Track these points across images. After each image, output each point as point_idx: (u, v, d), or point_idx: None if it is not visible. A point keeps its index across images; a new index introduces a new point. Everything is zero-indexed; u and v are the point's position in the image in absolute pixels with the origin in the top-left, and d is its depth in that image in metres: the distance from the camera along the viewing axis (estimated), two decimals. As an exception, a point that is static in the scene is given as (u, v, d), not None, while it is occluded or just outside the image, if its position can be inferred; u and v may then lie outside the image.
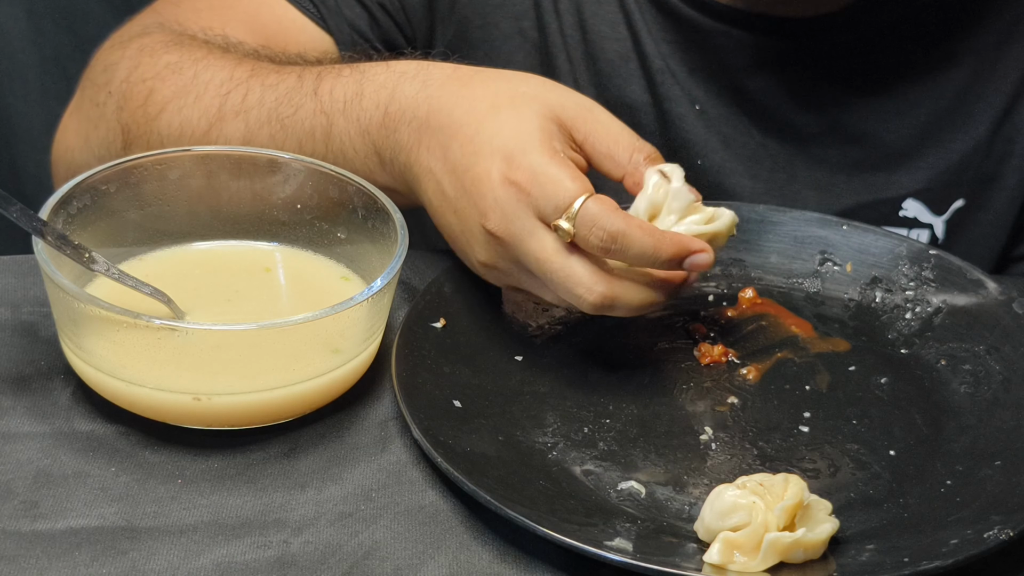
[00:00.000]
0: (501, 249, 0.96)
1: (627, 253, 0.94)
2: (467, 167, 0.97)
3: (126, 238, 1.00)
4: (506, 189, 0.95)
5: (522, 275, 0.98)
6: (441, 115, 0.99)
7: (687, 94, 1.23)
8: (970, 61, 1.24)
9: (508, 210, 0.95)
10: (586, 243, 0.93)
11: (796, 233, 1.12)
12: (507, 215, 0.95)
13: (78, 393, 0.95)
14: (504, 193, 0.95)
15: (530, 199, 0.94)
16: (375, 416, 0.96)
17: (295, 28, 1.20)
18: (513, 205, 0.95)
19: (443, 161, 0.98)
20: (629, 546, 0.84)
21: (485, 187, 0.96)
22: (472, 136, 0.97)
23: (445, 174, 0.98)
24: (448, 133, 0.98)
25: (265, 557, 0.85)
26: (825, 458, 0.95)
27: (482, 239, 0.97)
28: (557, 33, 1.24)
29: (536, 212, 0.94)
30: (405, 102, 1.02)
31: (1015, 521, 0.86)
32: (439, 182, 0.99)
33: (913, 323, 1.07)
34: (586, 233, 0.93)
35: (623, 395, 0.99)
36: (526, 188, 0.94)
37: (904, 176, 1.25)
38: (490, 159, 0.96)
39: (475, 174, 0.96)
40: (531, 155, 0.95)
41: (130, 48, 1.15)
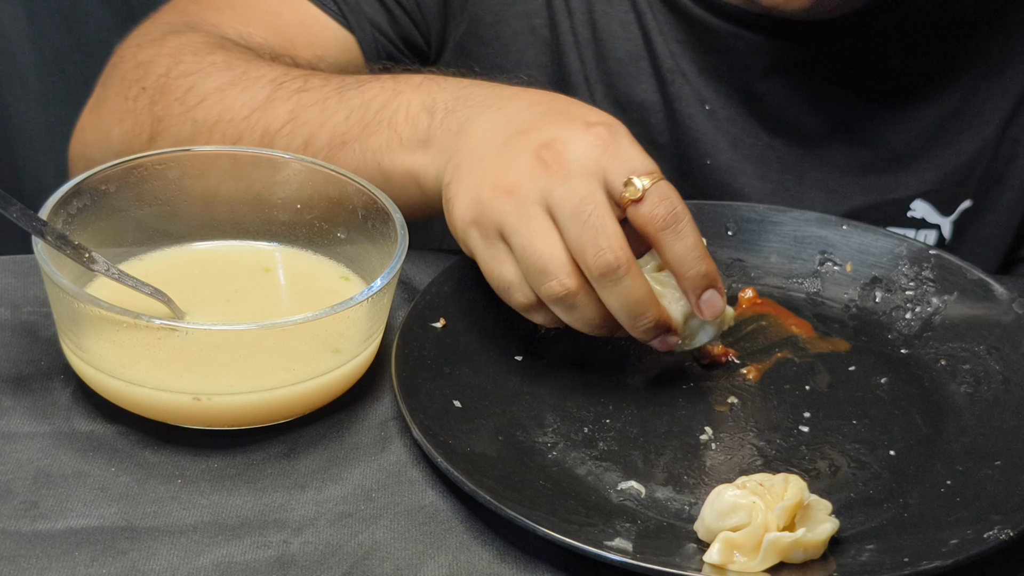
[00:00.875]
0: (540, 176, 0.94)
1: (678, 241, 0.93)
2: (555, 112, 0.98)
3: (126, 238, 1.00)
4: (588, 133, 0.95)
5: (536, 212, 0.94)
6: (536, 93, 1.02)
7: (697, 94, 1.23)
8: (978, 63, 1.24)
9: (580, 146, 0.94)
10: (652, 210, 0.93)
11: (796, 233, 1.12)
12: (576, 149, 0.94)
13: (78, 393, 0.95)
14: (584, 134, 0.95)
15: (606, 153, 0.94)
16: (375, 416, 0.96)
17: (318, 26, 1.21)
18: (587, 147, 0.94)
19: (522, 111, 0.99)
20: (629, 546, 0.84)
21: (566, 126, 0.96)
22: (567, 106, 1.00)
23: (517, 117, 0.98)
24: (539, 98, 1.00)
25: (265, 557, 0.85)
26: (825, 458, 0.95)
27: (523, 164, 0.95)
28: (568, 32, 1.24)
29: (603, 167, 0.94)
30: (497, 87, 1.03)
31: (1015, 521, 0.86)
32: (502, 124, 0.98)
33: (913, 323, 1.07)
34: (657, 200, 0.93)
35: (623, 395, 0.99)
36: (607, 143, 0.94)
37: (912, 177, 1.25)
38: (582, 114, 0.97)
39: (561, 117, 0.97)
40: (622, 130, 0.96)
41: (167, 46, 1.15)
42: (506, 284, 0.96)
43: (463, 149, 0.99)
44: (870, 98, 1.24)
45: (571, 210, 0.93)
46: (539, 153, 0.94)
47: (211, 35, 1.16)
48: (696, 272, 0.95)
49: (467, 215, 0.96)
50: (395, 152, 1.03)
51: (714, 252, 1.09)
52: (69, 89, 1.68)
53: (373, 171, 1.04)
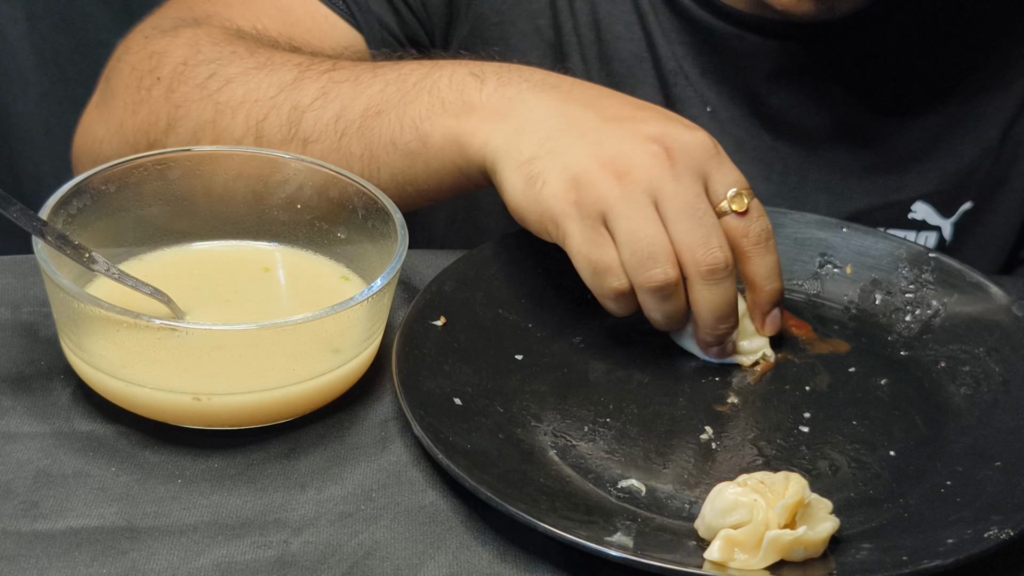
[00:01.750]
0: (656, 166, 0.95)
1: (764, 256, 0.99)
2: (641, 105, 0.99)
3: (126, 238, 1.00)
4: (694, 134, 0.97)
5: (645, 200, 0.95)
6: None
7: (700, 96, 1.23)
8: (981, 66, 1.24)
9: (692, 145, 0.96)
10: (751, 223, 0.97)
11: (796, 235, 1.12)
12: (689, 146, 0.96)
13: (78, 393, 0.95)
14: (691, 134, 0.97)
15: (710, 160, 0.97)
16: (375, 416, 0.96)
17: (327, 24, 1.21)
18: (696, 147, 0.96)
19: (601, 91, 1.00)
20: (630, 543, 0.84)
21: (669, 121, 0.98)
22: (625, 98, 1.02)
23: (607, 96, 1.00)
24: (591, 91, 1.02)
25: (265, 557, 0.85)
26: (825, 458, 0.95)
27: (635, 147, 0.96)
28: (572, 33, 1.24)
29: (717, 171, 0.96)
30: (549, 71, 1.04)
31: (1015, 521, 0.86)
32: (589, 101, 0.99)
33: (913, 325, 1.07)
34: (757, 215, 0.97)
35: (623, 395, 0.99)
36: (710, 150, 0.97)
37: (914, 179, 1.25)
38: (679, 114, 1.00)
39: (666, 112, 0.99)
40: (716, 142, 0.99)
41: (181, 37, 1.14)
42: (604, 267, 0.96)
43: (538, 122, 0.98)
44: (873, 100, 1.24)
45: (684, 206, 0.95)
46: (648, 144, 0.96)
47: (227, 28, 1.16)
48: (772, 288, 1.00)
49: (566, 195, 0.96)
50: (436, 116, 1.02)
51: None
52: (69, 89, 1.68)
53: (410, 136, 1.03)
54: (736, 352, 1.02)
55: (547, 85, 1.01)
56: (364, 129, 1.04)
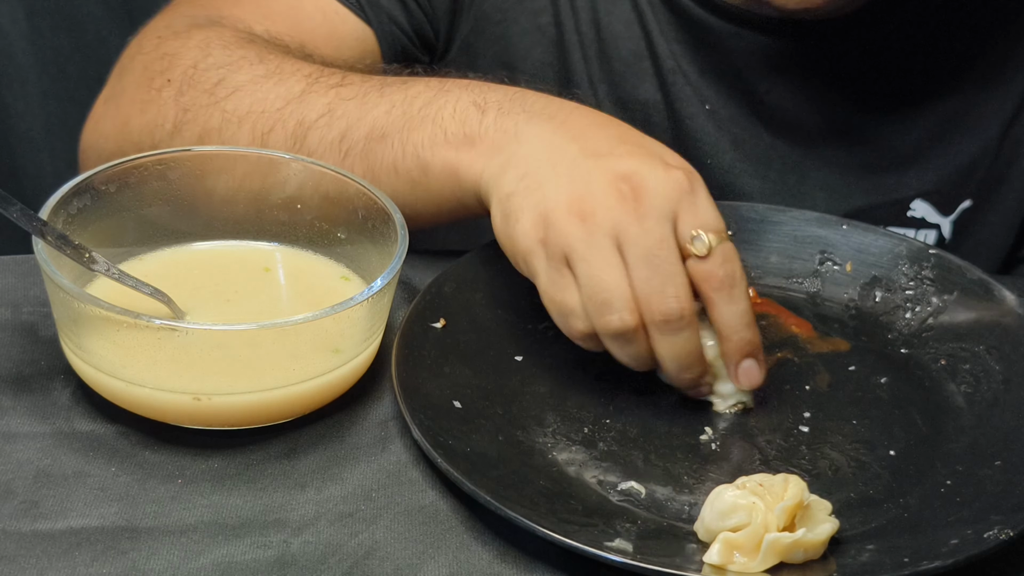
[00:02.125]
0: (619, 210, 0.93)
1: (731, 304, 0.94)
2: (629, 139, 0.97)
3: (126, 238, 1.00)
4: (667, 174, 0.94)
5: (607, 244, 0.93)
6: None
7: (698, 94, 1.23)
8: (980, 64, 1.24)
9: (661, 187, 0.93)
10: (714, 269, 0.93)
11: (796, 233, 1.12)
12: (657, 189, 0.93)
13: (78, 393, 0.95)
14: (664, 174, 0.94)
15: (682, 199, 0.93)
16: (375, 416, 0.96)
17: (337, 20, 1.21)
18: (667, 188, 0.93)
19: (591, 127, 0.98)
20: (629, 546, 0.84)
21: (644, 159, 0.95)
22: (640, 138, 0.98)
23: (600, 127, 0.98)
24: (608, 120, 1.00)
25: (265, 557, 0.85)
26: (825, 458, 0.95)
27: (601, 190, 0.94)
28: (573, 31, 1.24)
29: (677, 214, 0.93)
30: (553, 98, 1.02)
31: (1015, 521, 0.86)
32: (572, 137, 0.97)
33: (913, 323, 1.07)
34: (720, 260, 0.93)
35: (623, 395, 0.99)
36: (684, 189, 0.94)
37: (913, 177, 1.25)
38: (659, 151, 0.97)
39: (636, 147, 0.96)
40: (698, 179, 0.96)
41: (193, 39, 1.14)
42: (568, 309, 0.95)
43: (523, 157, 0.98)
44: (872, 98, 1.24)
45: (644, 251, 0.92)
46: (617, 184, 0.94)
47: (239, 30, 1.16)
48: (740, 338, 0.95)
49: (534, 233, 0.95)
50: (438, 146, 1.02)
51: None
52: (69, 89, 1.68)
53: (412, 164, 1.03)
54: (712, 394, 0.99)
55: (544, 116, 1.00)
56: (367, 152, 1.04)
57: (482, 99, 1.02)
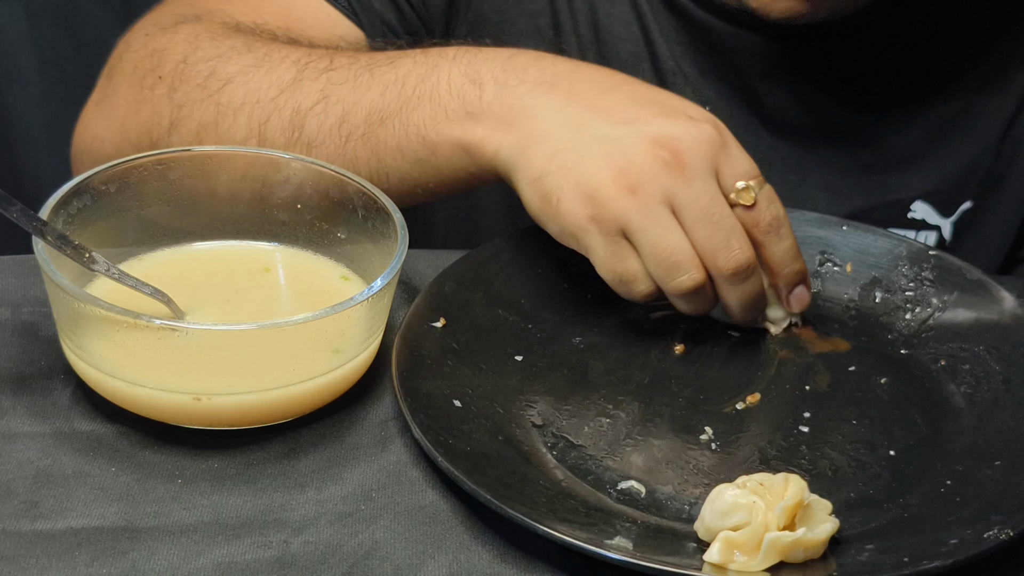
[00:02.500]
0: (665, 175, 0.96)
1: (779, 243, 1.00)
2: (649, 101, 0.99)
3: (126, 238, 1.00)
4: (698, 128, 0.97)
5: (662, 210, 0.96)
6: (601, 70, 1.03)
7: (698, 95, 1.23)
8: (980, 64, 1.24)
9: (698, 144, 0.96)
10: (761, 214, 0.98)
11: (796, 233, 1.11)
12: (695, 147, 0.96)
13: (78, 393, 0.95)
14: (696, 130, 0.97)
15: (718, 152, 0.97)
16: (375, 416, 0.96)
17: (329, 22, 1.20)
18: (702, 145, 0.97)
19: (601, 82, 1.00)
20: (629, 545, 0.84)
21: (673, 118, 0.97)
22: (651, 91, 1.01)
23: (608, 89, 0.99)
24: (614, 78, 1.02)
25: (265, 557, 0.85)
26: (825, 458, 0.95)
27: (642, 160, 0.96)
28: (571, 33, 1.24)
29: (716, 166, 0.97)
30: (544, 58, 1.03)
31: (1015, 521, 0.86)
32: (592, 100, 0.99)
33: (913, 323, 1.07)
34: (766, 204, 0.98)
35: (623, 395, 0.99)
36: (716, 142, 0.97)
37: (913, 178, 1.25)
38: (681, 106, 0.99)
39: (660, 108, 0.98)
40: (721, 126, 0.99)
41: (180, 34, 1.14)
42: (630, 277, 0.98)
43: (544, 133, 0.99)
44: (872, 99, 1.24)
45: (700, 212, 0.96)
46: (656, 151, 0.96)
47: (226, 23, 1.16)
48: (791, 270, 1.02)
49: (583, 211, 0.97)
50: (441, 125, 1.03)
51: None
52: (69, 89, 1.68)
53: (417, 145, 1.04)
54: (766, 320, 1.05)
55: (545, 85, 1.00)
56: (369, 136, 1.05)
57: (475, 72, 1.03)
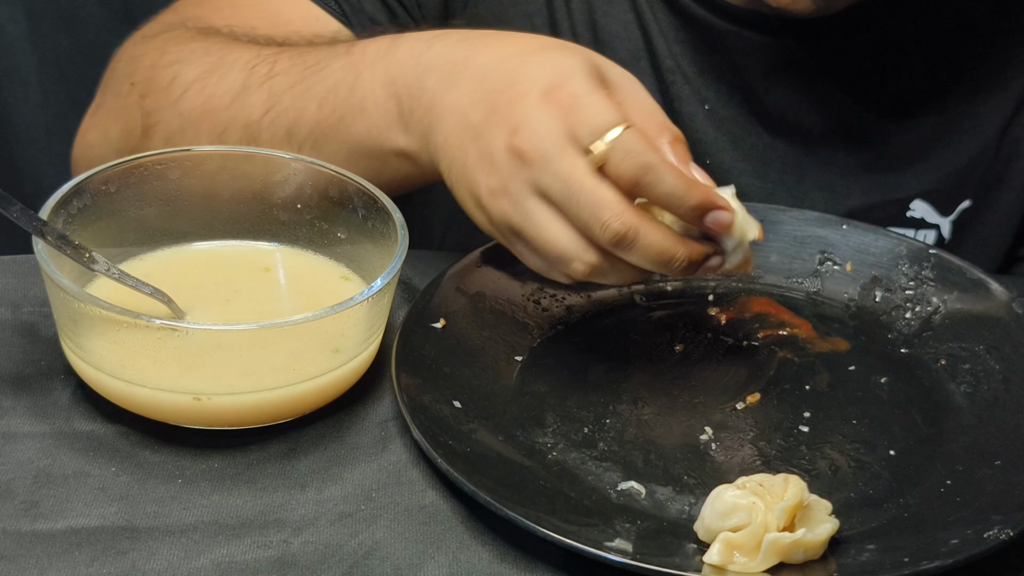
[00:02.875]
0: (522, 170, 0.94)
1: (656, 188, 0.92)
2: (504, 88, 0.96)
3: (126, 238, 1.00)
4: (544, 107, 0.94)
5: (532, 205, 0.95)
6: (482, 55, 0.99)
7: (697, 94, 1.23)
8: (979, 63, 1.24)
9: (543, 126, 0.93)
10: (617, 170, 0.92)
11: (796, 233, 1.12)
12: (541, 131, 0.93)
13: (78, 393, 0.95)
14: (541, 110, 0.94)
15: (568, 119, 0.93)
16: (375, 416, 0.96)
17: (318, 24, 1.21)
18: (549, 122, 0.93)
19: (476, 92, 0.97)
20: (629, 546, 0.84)
21: (521, 105, 0.94)
22: (515, 69, 0.96)
23: (476, 103, 0.97)
24: (487, 69, 0.98)
25: (265, 557, 0.85)
26: (825, 458, 0.95)
27: (502, 160, 0.95)
28: (568, 32, 1.24)
29: (571, 133, 0.93)
30: (442, 48, 1.01)
31: (1015, 521, 0.86)
32: (465, 114, 0.97)
33: (913, 323, 1.07)
34: (620, 159, 0.92)
35: (623, 395, 0.99)
36: (565, 108, 0.93)
37: (912, 177, 1.25)
38: (531, 83, 0.95)
39: (512, 95, 0.95)
40: (575, 82, 0.94)
41: (156, 41, 1.16)
42: (544, 270, 0.98)
43: (443, 142, 0.99)
44: (871, 98, 1.24)
45: (561, 194, 0.93)
46: (510, 146, 0.94)
47: (195, 29, 1.17)
48: (687, 207, 0.94)
49: (480, 219, 0.98)
50: (379, 138, 1.04)
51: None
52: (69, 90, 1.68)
53: (365, 156, 1.05)
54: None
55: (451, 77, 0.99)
56: (318, 148, 1.06)
57: (391, 81, 1.03)
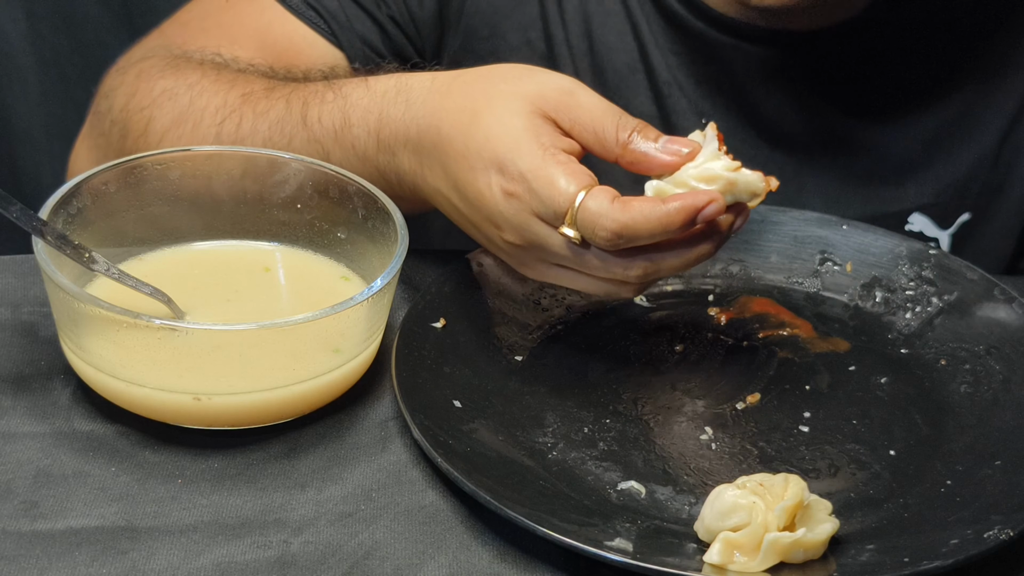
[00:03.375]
0: (527, 253, 0.96)
1: (638, 241, 0.91)
2: (467, 184, 0.96)
3: (126, 238, 1.00)
4: (508, 202, 0.94)
5: (554, 273, 0.97)
6: (430, 133, 0.98)
7: (694, 107, 1.23)
8: (977, 72, 1.23)
9: (517, 222, 0.94)
10: (595, 243, 0.92)
11: (796, 233, 1.12)
12: (518, 227, 0.94)
13: (78, 393, 0.95)
14: (507, 207, 0.94)
15: (531, 208, 0.93)
16: (375, 416, 0.96)
17: (305, 44, 1.20)
18: (520, 216, 0.94)
19: (445, 180, 0.97)
20: (629, 546, 0.84)
21: (489, 203, 0.95)
22: (462, 151, 0.95)
23: (452, 192, 0.97)
24: (441, 151, 0.97)
25: (265, 557, 0.85)
26: (825, 458, 0.95)
27: (506, 248, 0.96)
28: (564, 44, 1.23)
29: (541, 217, 0.93)
30: (394, 126, 1.00)
31: (1015, 521, 0.86)
32: (449, 199, 0.98)
33: (913, 323, 1.07)
34: (591, 235, 0.91)
35: (623, 395, 0.99)
36: (524, 198, 0.93)
37: (911, 189, 1.24)
38: (484, 173, 0.94)
39: (476, 191, 0.95)
40: (521, 160, 0.93)
41: (128, 74, 1.15)
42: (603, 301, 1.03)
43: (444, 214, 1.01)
44: (868, 109, 1.23)
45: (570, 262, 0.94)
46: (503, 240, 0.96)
47: (168, 56, 1.16)
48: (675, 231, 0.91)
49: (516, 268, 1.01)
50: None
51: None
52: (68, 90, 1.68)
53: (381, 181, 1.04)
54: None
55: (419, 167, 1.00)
56: None
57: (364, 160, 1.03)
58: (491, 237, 0.97)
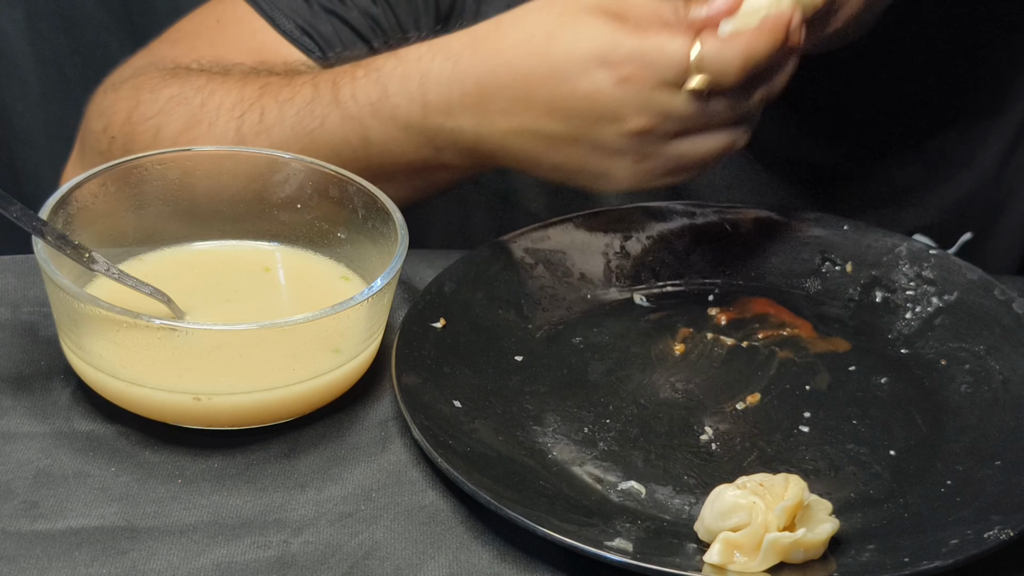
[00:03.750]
0: (651, 137, 0.96)
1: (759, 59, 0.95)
2: (567, 98, 0.96)
3: (126, 238, 1.00)
4: (624, 88, 0.94)
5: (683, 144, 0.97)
6: (498, 75, 0.98)
7: None
8: (976, 92, 1.23)
9: (639, 102, 0.94)
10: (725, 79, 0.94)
11: (796, 233, 1.12)
12: (641, 106, 0.94)
13: (78, 393, 0.95)
14: (625, 92, 0.94)
15: (652, 80, 0.94)
16: (375, 416, 0.96)
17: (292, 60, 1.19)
18: (641, 95, 0.94)
19: (530, 113, 0.97)
20: (629, 546, 0.84)
21: (604, 100, 0.95)
22: (548, 72, 0.96)
23: (542, 117, 0.97)
24: (518, 86, 0.97)
25: (265, 557, 0.85)
26: (825, 458, 0.95)
27: (625, 144, 0.96)
28: None
29: (662, 85, 0.94)
30: (445, 85, 1.00)
31: (1015, 521, 0.86)
32: (537, 130, 0.97)
33: (913, 323, 1.07)
34: (722, 71, 0.94)
35: (623, 395, 0.99)
36: (641, 74, 0.94)
37: (912, 211, 1.24)
38: (586, 76, 0.95)
39: (583, 98, 0.95)
40: (620, 45, 0.94)
41: (123, 90, 1.14)
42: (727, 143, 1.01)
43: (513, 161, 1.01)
44: (867, 133, 1.23)
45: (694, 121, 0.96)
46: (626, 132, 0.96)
47: (165, 69, 1.15)
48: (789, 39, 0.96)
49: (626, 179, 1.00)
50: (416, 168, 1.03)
51: (714, 251, 1.09)
52: (68, 90, 1.68)
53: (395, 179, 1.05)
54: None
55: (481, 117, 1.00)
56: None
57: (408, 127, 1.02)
58: (606, 140, 0.96)
